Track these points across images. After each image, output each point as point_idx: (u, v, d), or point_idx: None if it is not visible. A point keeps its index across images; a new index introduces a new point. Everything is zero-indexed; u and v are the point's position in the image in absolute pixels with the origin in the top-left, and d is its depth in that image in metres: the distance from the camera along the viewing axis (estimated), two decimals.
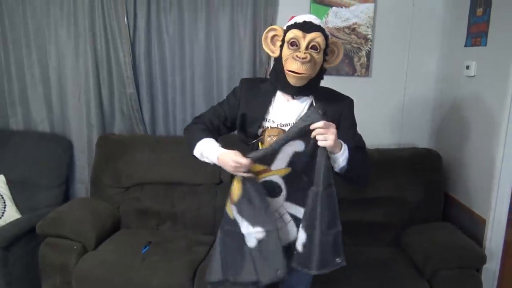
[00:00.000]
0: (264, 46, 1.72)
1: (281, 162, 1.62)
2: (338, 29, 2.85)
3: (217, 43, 2.89)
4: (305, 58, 1.56)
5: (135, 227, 2.78)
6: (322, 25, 1.64)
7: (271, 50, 1.71)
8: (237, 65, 2.90)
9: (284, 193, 1.66)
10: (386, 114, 3.00)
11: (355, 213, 2.70)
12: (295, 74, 1.59)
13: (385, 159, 2.74)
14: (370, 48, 2.89)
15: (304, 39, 1.58)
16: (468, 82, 2.55)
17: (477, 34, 2.46)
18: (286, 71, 1.61)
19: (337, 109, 1.74)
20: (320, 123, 1.49)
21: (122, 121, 3.06)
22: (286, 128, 1.67)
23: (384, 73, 2.95)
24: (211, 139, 1.68)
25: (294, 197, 1.67)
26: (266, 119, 1.72)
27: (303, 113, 1.65)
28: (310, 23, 1.60)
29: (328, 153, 1.55)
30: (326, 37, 1.62)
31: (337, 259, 1.65)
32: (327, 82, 2.90)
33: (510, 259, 2.39)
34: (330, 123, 1.52)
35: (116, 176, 2.82)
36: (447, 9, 2.83)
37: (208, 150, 1.66)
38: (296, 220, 1.67)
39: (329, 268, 1.63)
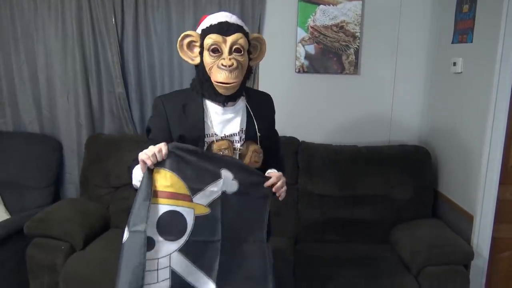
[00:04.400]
0: (181, 55, 1.57)
1: (204, 199, 1.47)
2: (326, 27, 2.85)
3: None
4: (232, 65, 1.46)
5: (124, 226, 2.76)
6: (239, 22, 1.53)
7: (190, 57, 1.57)
8: None
9: (184, 238, 1.45)
10: (375, 111, 3.00)
11: (344, 210, 2.71)
12: (225, 85, 1.48)
13: (374, 157, 2.75)
14: (358, 46, 2.89)
15: (225, 44, 1.47)
16: (455, 78, 2.56)
17: (463, 30, 2.46)
18: (215, 83, 1.50)
19: (269, 112, 1.73)
20: (274, 180, 1.53)
21: (111, 121, 3.05)
22: (233, 138, 1.59)
23: (373, 71, 2.95)
24: None
25: (191, 250, 1.46)
26: (208, 135, 1.58)
27: (240, 117, 1.60)
28: (226, 23, 1.48)
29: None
30: (246, 34, 1.53)
31: None
32: (316, 80, 2.94)
33: (497, 255, 2.40)
34: (281, 176, 1.55)
35: (105, 176, 2.82)
36: (434, 6, 2.84)
37: (136, 171, 1.50)
38: (173, 281, 1.45)
39: None
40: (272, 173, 1.59)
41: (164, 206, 1.43)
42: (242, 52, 1.50)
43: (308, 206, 2.73)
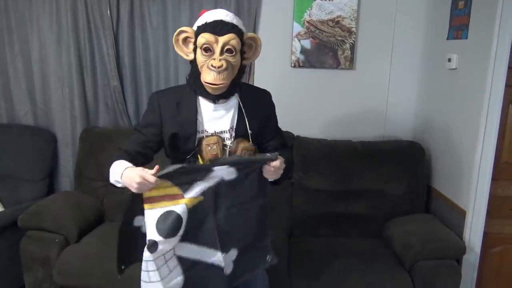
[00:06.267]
0: (176, 49, 1.59)
1: (197, 190, 1.49)
2: (322, 22, 2.85)
3: None
4: (221, 66, 1.46)
5: (118, 220, 2.72)
6: (235, 21, 1.52)
7: (185, 53, 1.59)
8: None
9: (182, 231, 1.48)
10: (370, 106, 3.01)
11: (338, 205, 2.72)
12: (212, 86, 1.49)
13: (369, 152, 2.76)
14: (354, 41, 2.89)
15: (217, 44, 1.47)
16: (450, 74, 2.57)
17: (458, 27, 2.47)
18: (203, 82, 1.51)
19: (264, 109, 1.72)
20: (281, 164, 1.51)
21: (106, 114, 3.04)
22: (224, 136, 1.61)
23: (368, 66, 2.96)
24: (122, 160, 1.51)
25: (191, 236, 1.52)
26: (199, 131, 1.61)
27: (231, 114, 1.62)
28: (221, 22, 1.48)
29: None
30: (241, 34, 1.52)
31: (268, 257, 1.66)
32: (312, 75, 2.95)
33: (489, 250, 2.43)
34: (282, 159, 1.53)
35: (100, 169, 2.80)
36: (430, 2, 2.84)
37: (115, 169, 1.49)
38: (183, 263, 1.53)
39: (261, 267, 1.67)
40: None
41: (159, 210, 1.46)
42: (234, 53, 1.50)
43: (303, 200, 2.74)
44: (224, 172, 1.50)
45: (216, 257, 1.56)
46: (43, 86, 3.00)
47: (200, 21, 1.53)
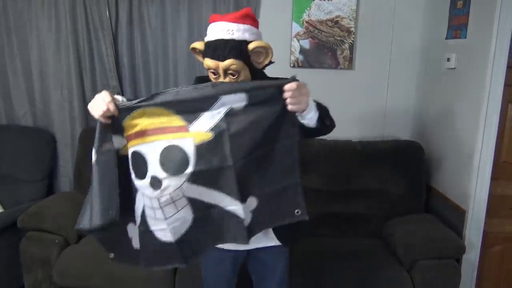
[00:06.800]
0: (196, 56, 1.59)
1: (204, 123, 1.36)
2: (321, 22, 2.85)
3: (200, 35, 2.87)
4: None
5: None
6: (236, 35, 1.44)
7: (202, 61, 1.55)
8: None
9: (190, 170, 1.36)
10: (369, 106, 3.01)
11: (338, 205, 2.72)
12: None
13: (368, 152, 2.76)
14: (353, 41, 2.89)
15: (219, 68, 1.44)
16: (448, 74, 2.57)
17: (457, 26, 2.47)
18: None
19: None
20: (293, 85, 1.37)
21: None
22: None
23: (367, 66, 2.96)
24: None
25: (202, 177, 1.38)
26: None
27: None
28: (221, 43, 1.42)
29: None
30: (243, 50, 1.44)
31: (296, 211, 1.48)
32: (311, 75, 2.94)
33: (489, 249, 2.43)
34: (302, 83, 1.40)
35: None
36: (428, 2, 2.84)
37: None
38: (195, 205, 1.41)
39: (286, 220, 1.49)
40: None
41: (161, 143, 1.35)
42: (236, 76, 1.46)
43: None
44: (232, 99, 1.35)
45: (235, 206, 1.41)
46: (42, 87, 3.00)
47: (207, 35, 1.49)
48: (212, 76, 1.49)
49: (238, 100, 1.35)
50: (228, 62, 1.43)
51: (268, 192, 1.45)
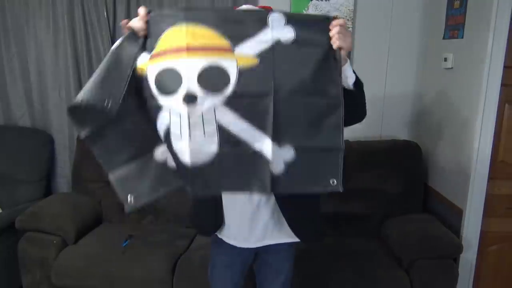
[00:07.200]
0: None
1: (250, 48, 1.28)
2: None
3: None
4: None
5: (116, 221, 2.77)
6: None
7: None
8: None
9: (228, 90, 1.28)
10: (367, 106, 3.00)
11: (336, 204, 2.72)
12: None
13: (365, 151, 2.76)
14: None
15: None
16: (445, 74, 2.58)
17: (454, 26, 2.48)
18: None
19: None
20: (341, 21, 1.27)
21: None
22: None
23: (365, 66, 2.94)
24: None
25: (239, 101, 1.30)
26: None
27: None
28: None
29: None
30: None
31: (332, 180, 1.38)
32: None
33: (486, 249, 2.43)
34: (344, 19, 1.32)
35: (97, 170, 2.77)
36: (426, 1, 2.85)
37: None
38: (223, 134, 1.32)
39: (318, 188, 1.38)
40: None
41: (202, 60, 1.27)
42: None
43: None
44: (279, 30, 1.27)
45: (264, 144, 1.32)
46: (40, 88, 3.00)
47: None
48: None
49: (286, 33, 1.28)
50: None
51: (307, 147, 1.34)
